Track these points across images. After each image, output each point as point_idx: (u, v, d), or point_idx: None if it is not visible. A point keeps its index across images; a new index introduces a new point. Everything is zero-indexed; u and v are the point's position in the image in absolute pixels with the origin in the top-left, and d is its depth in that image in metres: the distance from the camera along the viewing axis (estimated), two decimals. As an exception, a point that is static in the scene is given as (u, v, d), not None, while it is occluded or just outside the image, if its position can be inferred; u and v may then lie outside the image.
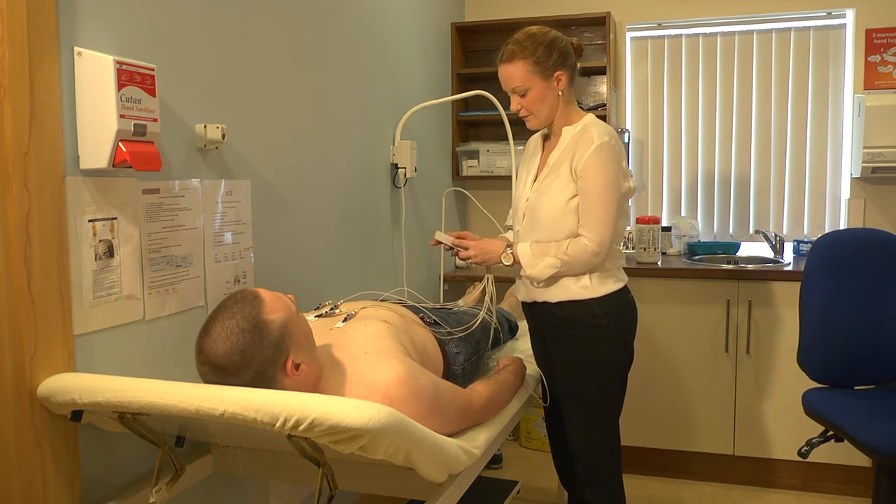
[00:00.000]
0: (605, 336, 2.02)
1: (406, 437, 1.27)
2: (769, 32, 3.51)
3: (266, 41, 2.09)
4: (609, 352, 2.04)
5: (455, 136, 3.69)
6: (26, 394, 1.39)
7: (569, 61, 1.99)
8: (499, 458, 3.40)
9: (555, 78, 1.97)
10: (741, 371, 3.10)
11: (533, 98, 1.98)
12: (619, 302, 2.05)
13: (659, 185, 3.70)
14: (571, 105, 2.06)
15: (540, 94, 1.98)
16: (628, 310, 2.09)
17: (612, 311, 2.02)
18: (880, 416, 2.15)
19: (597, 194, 1.92)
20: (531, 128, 2.07)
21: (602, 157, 1.91)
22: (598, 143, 1.91)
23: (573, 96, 2.07)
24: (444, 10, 3.57)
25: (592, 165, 1.91)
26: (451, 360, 1.94)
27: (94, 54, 1.45)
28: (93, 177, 1.50)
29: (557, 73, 1.97)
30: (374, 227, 2.81)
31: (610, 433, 2.10)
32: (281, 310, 1.47)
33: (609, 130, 1.96)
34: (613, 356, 2.05)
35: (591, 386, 2.06)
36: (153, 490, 1.48)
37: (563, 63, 1.98)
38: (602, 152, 1.91)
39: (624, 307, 2.07)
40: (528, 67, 1.95)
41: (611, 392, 2.09)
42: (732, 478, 3.19)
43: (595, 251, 1.93)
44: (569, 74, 2.00)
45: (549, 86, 1.98)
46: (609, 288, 2.02)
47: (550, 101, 1.99)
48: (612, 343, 2.04)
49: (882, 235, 2.46)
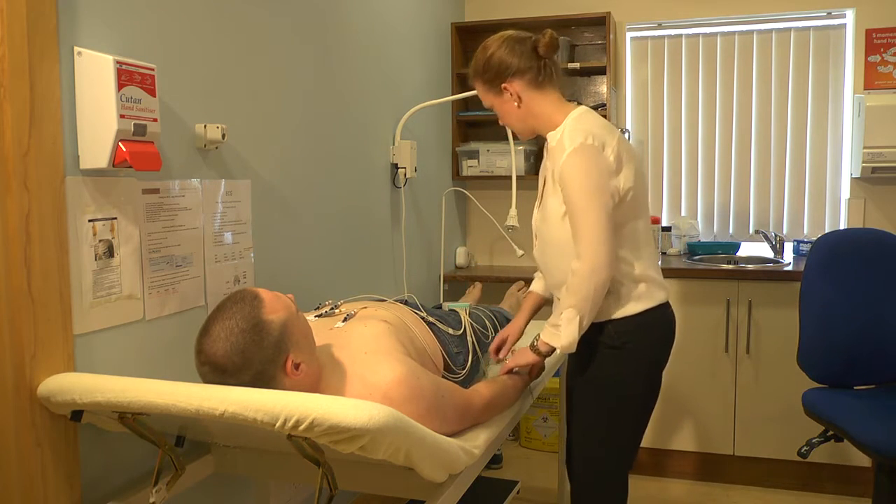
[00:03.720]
0: (618, 357, 1.81)
1: (406, 437, 1.27)
2: (769, 32, 3.51)
3: (266, 41, 2.09)
4: (622, 376, 1.82)
5: (455, 136, 3.69)
6: (26, 394, 1.39)
7: (515, 67, 1.80)
8: (499, 458, 3.40)
9: (504, 90, 1.83)
10: (741, 371, 3.10)
11: (500, 113, 1.90)
12: (644, 321, 1.81)
13: (659, 185, 3.70)
14: (554, 106, 1.84)
15: (501, 109, 1.88)
16: (654, 330, 1.84)
17: (631, 330, 1.80)
18: (880, 415, 2.15)
19: (579, 208, 1.71)
20: (522, 140, 1.97)
21: (575, 162, 1.71)
22: (569, 150, 1.72)
23: (553, 96, 1.85)
24: (444, 10, 3.57)
25: (567, 176, 1.72)
26: (451, 360, 1.94)
27: (94, 54, 1.45)
28: (93, 177, 1.50)
29: (503, 84, 1.82)
30: (374, 227, 2.81)
31: (610, 470, 1.88)
32: (281, 310, 1.47)
33: (586, 129, 1.74)
34: (627, 381, 1.82)
35: (596, 413, 1.86)
36: (153, 490, 1.48)
37: (506, 72, 1.81)
38: (575, 157, 1.71)
39: (649, 327, 1.82)
40: (481, 86, 1.87)
41: (618, 422, 1.85)
42: (732, 478, 3.19)
43: (589, 273, 1.69)
44: (526, 78, 1.81)
45: (503, 99, 1.85)
46: (628, 310, 1.79)
47: (513, 113, 1.86)
48: (627, 366, 1.81)
49: (882, 235, 2.47)
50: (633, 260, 1.81)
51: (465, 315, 2.13)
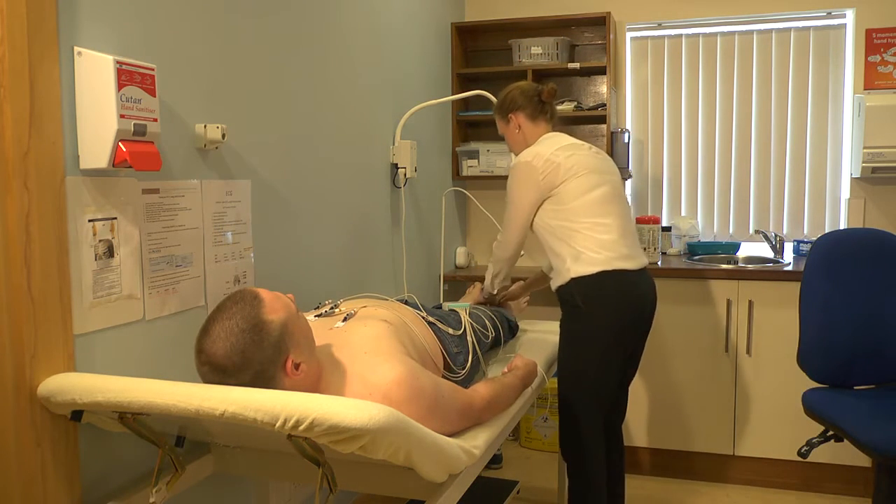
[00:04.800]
0: (580, 315, 2.26)
1: (406, 437, 1.27)
2: (769, 32, 3.51)
3: (266, 41, 2.10)
4: (584, 331, 2.26)
5: (455, 136, 3.69)
6: (26, 394, 1.39)
7: (519, 104, 2.45)
8: (499, 458, 3.40)
9: (510, 119, 2.48)
10: (741, 371, 3.10)
11: (505, 134, 2.54)
12: (600, 286, 2.23)
13: (659, 185, 3.70)
14: (538, 134, 2.45)
15: (506, 131, 2.52)
16: (610, 297, 2.24)
17: (588, 294, 2.24)
18: (880, 416, 2.15)
19: (507, 205, 2.38)
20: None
21: (512, 174, 2.36)
22: (512, 165, 2.36)
23: (541, 128, 2.45)
24: (444, 10, 3.57)
25: (508, 181, 2.38)
26: (451, 360, 1.94)
27: (94, 54, 1.45)
28: (93, 177, 1.50)
29: (510, 115, 2.47)
30: (373, 227, 2.81)
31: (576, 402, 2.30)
32: (280, 310, 1.47)
33: (534, 151, 2.32)
34: (589, 335, 2.26)
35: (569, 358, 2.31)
36: (153, 490, 1.48)
37: (512, 106, 2.46)
38: (512, 171, 2.36)
39: (605, 293, 2.24)
40: (497, 115, 2.54)
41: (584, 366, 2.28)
42: (732, 478, 3.19)
43: (498, 242, 2.46)
44: (525, 112, 2.45)
45: (510, 126, 2.49)
46: (581, 269, 2.24)
47: (513, 136, 2.49)
48: (588, 323, 2.25)
49: (882, 235, 2.46)
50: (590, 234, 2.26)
51: (465, 315, 2.14)
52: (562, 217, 2.28)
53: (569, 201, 2.27)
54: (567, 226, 2.27)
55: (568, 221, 2.27)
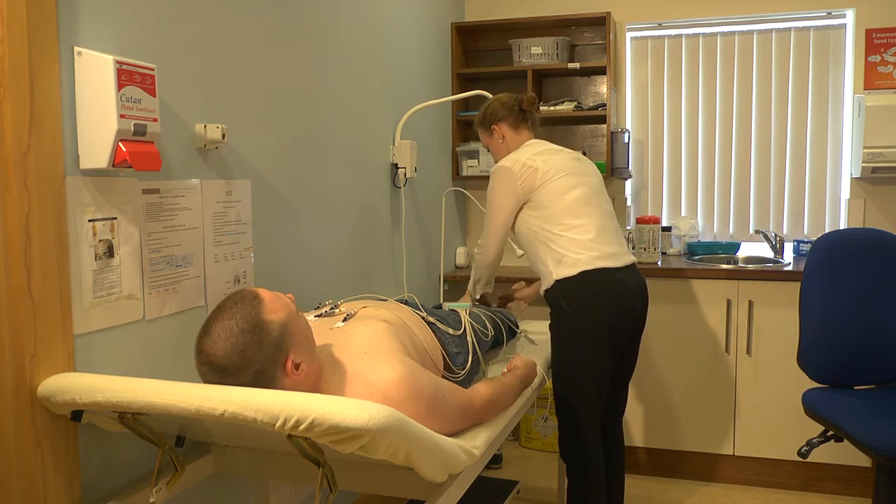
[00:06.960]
0: (566, 317, 2.28)
1: (406, 437, 1.27)
2: (769, 32, 3.51)
3: (266, 41, 2.09)
4: (572, 332, 2.28)
5: (455, 136, 3.69)
6: (26, 394, 1.39)
7: (501, 115, 2.49)
8: (499, 458, 3.40)
9: (493, 130, 2.51)
10: (741, 371, 3.10)
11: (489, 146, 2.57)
12: (583, 286, 2.26)
13: (659, 185, 3.70)
14: (521, 141, 2.49)
15: (490, 143, 2.55)
16: (593, 296, 2.26)
17: (572, 296, 2.26)
18: (880, 416, 2.15)
19: (487, 210, 2.42)
20: None
21: (491, 179, 2.40)
22: (492, 171, 2.40)
23: (523, 136, 2.49)
24: (444, 10, 3.57)
25: (489, 186, 2.41)
26: (451, 360, 1.94)
27: (94, 54, 1.45)
28: (93, 177, 1.50)
29: (493, 126, 2.50)
30: (373, 227, 2.81)
31: (572, 403, 2.33)
32: (280, 310, 1.47)
33: (513, 157, 2.36)
34: (577, 336, 2.28)
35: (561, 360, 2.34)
36: (153, 490, 1.48)
37: (494, 118, 2.50)
38: (491, 177, 2.40)
39: (588, 293, 2.26)
40: (479, 128, 2.57)
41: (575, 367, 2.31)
42: (732, 478, 3.19)
43: (479, 248, 2.49)
44: (508, 122, 2.49)
45: (493, 137, 2.53)
46: (563, 272, 2.27)
47: (497, 146, 2.53)
48: (575, 324, 2.27)
49: (882, 235, 2.46)
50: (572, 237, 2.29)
51: (465, 315, 2.14)
52: (542, 220, 2.31)
53: (548, 205, 2.30)
54: (548, 229, 2.30)
55: (548, 224, 2.30)
